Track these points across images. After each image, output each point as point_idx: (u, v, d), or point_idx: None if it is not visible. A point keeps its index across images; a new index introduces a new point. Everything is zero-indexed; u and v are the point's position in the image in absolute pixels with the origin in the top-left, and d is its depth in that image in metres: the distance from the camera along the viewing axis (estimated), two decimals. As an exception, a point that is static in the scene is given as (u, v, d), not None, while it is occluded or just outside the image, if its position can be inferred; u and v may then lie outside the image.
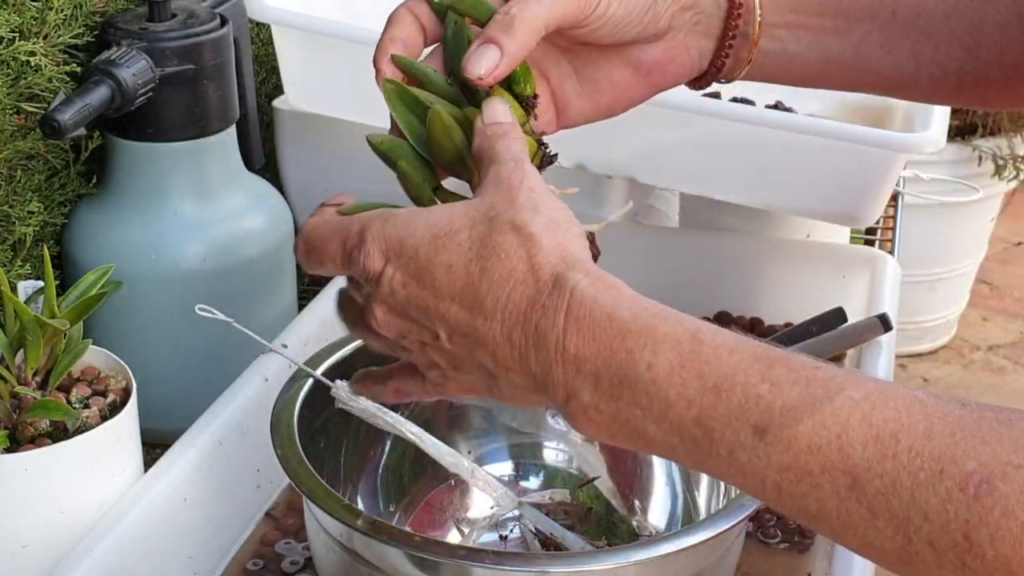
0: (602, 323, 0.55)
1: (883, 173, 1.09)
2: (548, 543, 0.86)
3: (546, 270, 0.57)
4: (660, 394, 0.54)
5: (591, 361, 0.55)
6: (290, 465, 0.77)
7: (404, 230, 0.59)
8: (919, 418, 0.50)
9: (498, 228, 0.58)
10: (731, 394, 0.52)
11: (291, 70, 1.21)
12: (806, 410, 0.51)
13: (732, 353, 0.53)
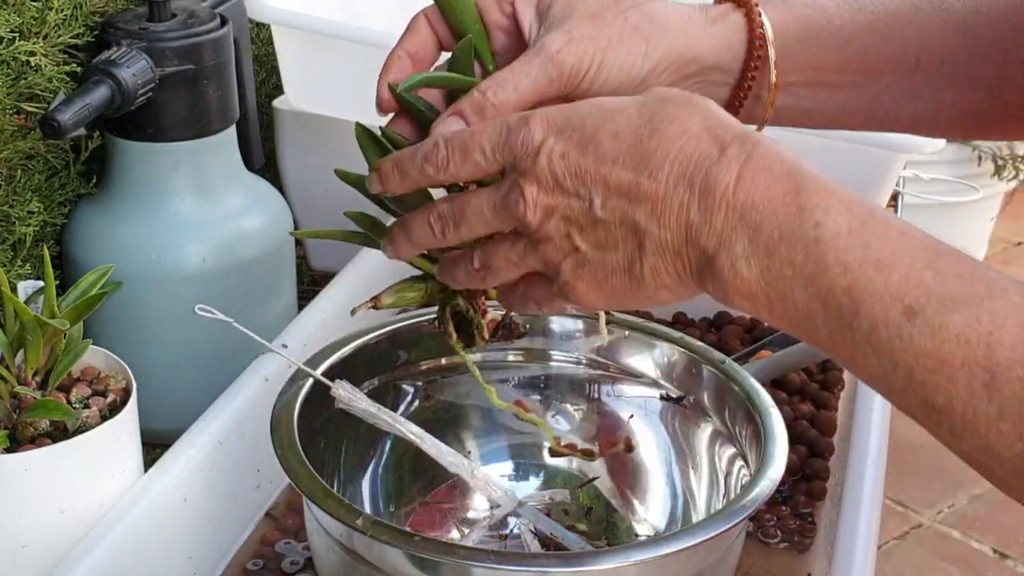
0: (780, 175, 0.55)
1: (883, 173, 1.10)
2: (548, 543, 0.86)
3: (725, 132, 0.57)
4: (819, 256, 0.54)
5: (758, 210, 0.55)
6: (290, 465, 0.77)
7: (570, 110, 0.60)
8: None
9: (670, 103, 0.59)
10: (892, 271, 0.52)
11: (291, 70, 1.21)
12: (964, 302, 0.51)
13: (903, 235, 0.54)
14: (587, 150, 0.59)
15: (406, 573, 0.72)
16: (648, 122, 0.58)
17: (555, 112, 0.60)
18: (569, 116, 0.60)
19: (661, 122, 0.58)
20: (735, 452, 0.86)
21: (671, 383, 0.93)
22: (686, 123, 0.58)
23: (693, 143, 0.57)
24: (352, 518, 0.72)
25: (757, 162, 0.56)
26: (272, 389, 0.87)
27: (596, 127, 0.59)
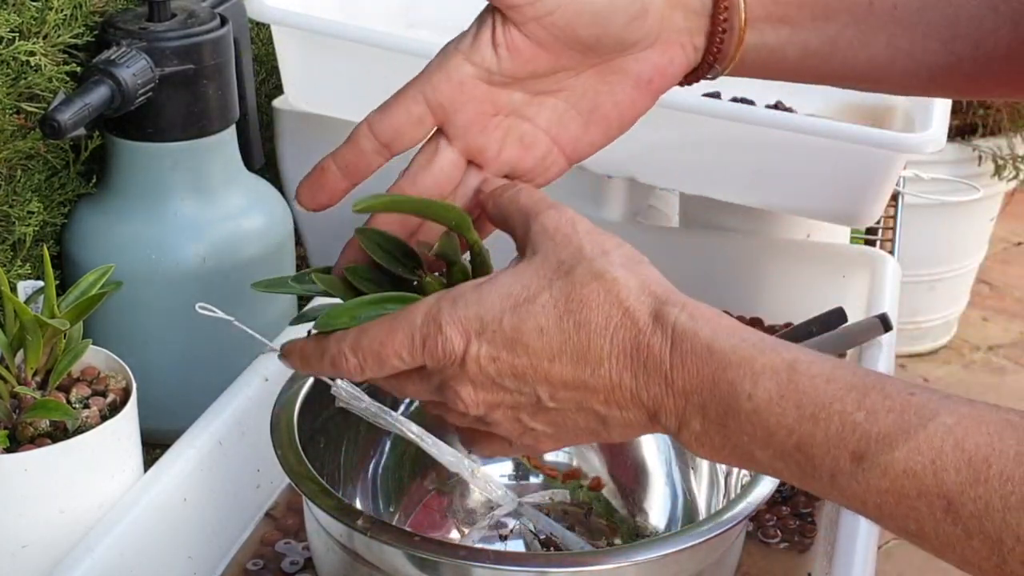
0: (704, 356, 0.57)
1: (883, 173, 1.09)
2: (548, 543, 0.86)
3: (642, 311, 0.59)
4: (762, 423, 0.56)
5: (697, 393, 0.57)
6: (290, 465, 0.77)
7: (479, 307, 0.60)
8: (1011, 443, 0.51)
9: (579, 281, 0.59)
10: (828, 422, 0.54)
11: (291, 70, 1.21)
12: (901, 437, 0.53)
13: (828, 382, 0.55)
14: (517, 350, 0.59)
15: (406, 573, 0.72)
16: (567, 311, 0.59)
17: (465, 313, 0.60)
18: (482, 316, 0.60)
19: (581, 310, 0.59)
20: None
21: (671, 383, 0.92)
22: (605, 309, 0.59)
23: (621, 332, 0.58)
24: (352, 518, 0.72)
25: (681, 346, 0.57)
26: (272, 389, 0.87)
27: (516, 326, 0.59)
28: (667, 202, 1.44)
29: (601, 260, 0.60)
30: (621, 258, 0.60)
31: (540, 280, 0.60)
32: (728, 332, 0.58)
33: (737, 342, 0.57)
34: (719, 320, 0.58)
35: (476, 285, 0.61)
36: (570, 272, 0.59)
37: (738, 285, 1.22)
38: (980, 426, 0.52)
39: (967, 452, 0.52)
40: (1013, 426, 0.52)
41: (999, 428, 0.52)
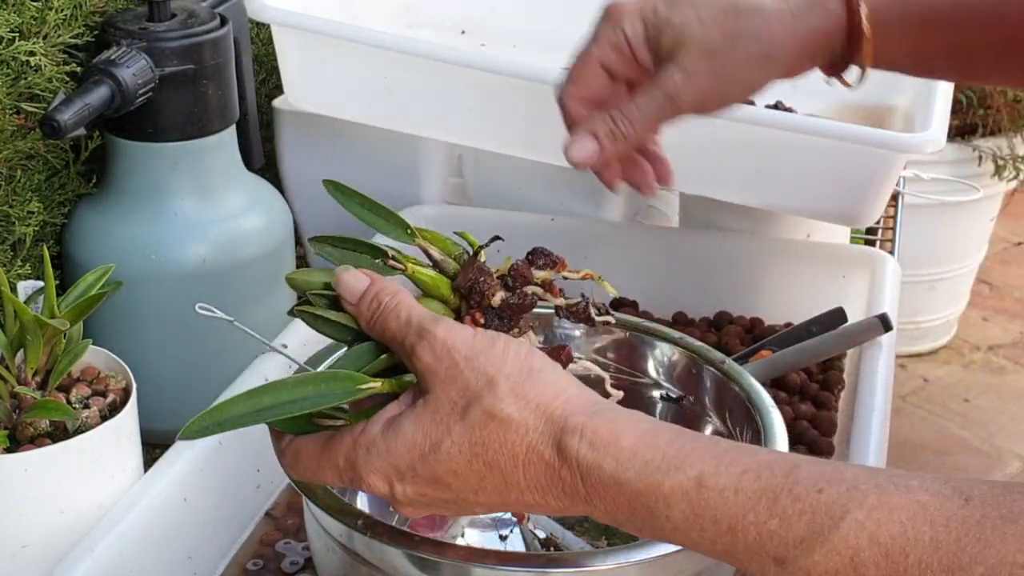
0: (613, 488, 0.58)
1: (883, 173, 1.09)
2: (548, 543, 0.86)
3: (545, 445, 0.59)
4: (686, 536, 0.58)
5: (620, 515, 0.59)
6: (290, 465, 0.77)
7: (389, 457, 0.61)
8: (924, 528, 0.52)
9: (476, 424, 0.60)
10: (745, 533, 0.56)
11: (291, 70, 1.21)
12: (816, 540, 0.54)
13: (737, 494, 0.56)
14: (440, 488, 0.62)
15: (406, 573, 0.72)
16: (475, 455, 0.60)
17: (379, 464, 0.61)
18: (395, 465, 0.61)
19: (486, 452, 0.60)
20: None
21: (671, 383, 0.92)
22: (509, 448, 0.60)
23: (531, 468, 0.60)
24: (352, 518, 0.72)
25: (588, 480, 0.59)
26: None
27: (431, 471, 0.61)
28: (667, 202, 1.44)
29: (489, 397, 0.60)
30: (508, 384, 0.60)
31: (439, 426, 0.60)
32: (630, 457, 0.58)
33: (640, 467, 0.58)
34: (621, 443, 0.58)
35: (385, 428, 0.62)
36: (464, 414, 0.60)
37: (738, 285, 1.22)
38: (892, 515, 0.53)
39: (883, 545, 0.52)
40: (924, 508, 0.53)
41: (911, 515, 0.53)
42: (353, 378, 0.63)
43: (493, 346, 0.61)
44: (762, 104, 1.28)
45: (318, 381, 0.63)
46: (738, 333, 1.18)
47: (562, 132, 0.83)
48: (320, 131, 1.26)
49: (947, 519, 0.52)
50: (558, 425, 0.59)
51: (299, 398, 0.63)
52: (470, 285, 0.68)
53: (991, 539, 0.51)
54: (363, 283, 0.65)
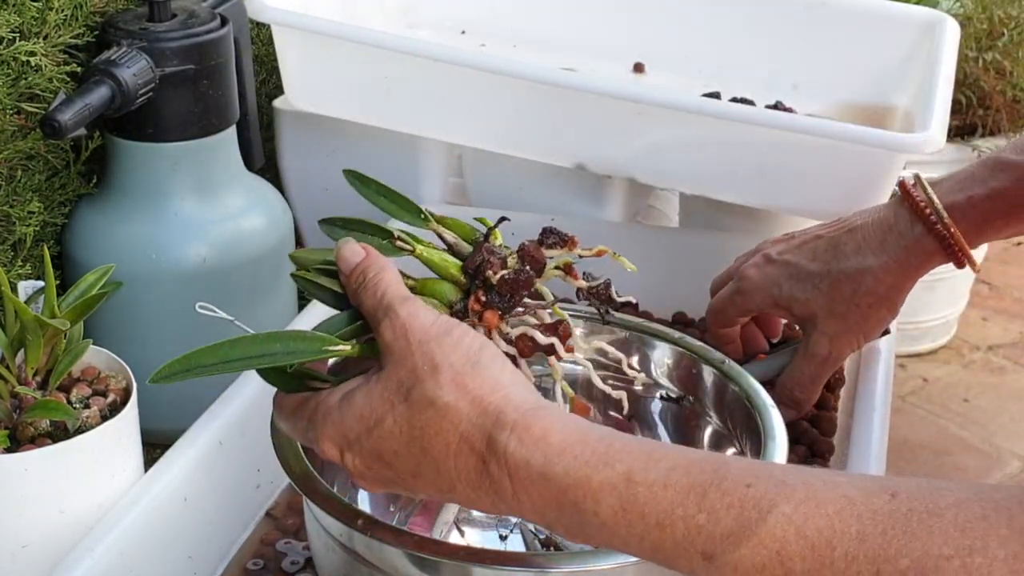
0: (540, 484, 0.59)
1: (883, 173, 1.09)
2: (548, 543, 0.86)
3: (476, 437, 0.60)
4: (614, 533, 0.58)
5: (548, 513, 0.59)
6: (290, 465, 0.77)
7: (341, 425, 0.64)
8: (851, 522, 0.53)
9: (416, 406, 0.62)
10: (674, 528, 0.56)
11: (291, 70, 1.21)
12: (743, 534, 0.54)
13: (666, 488, 0.56)
14: (383, 465, 0.64)
15: (406, 573, 0.72)
16: (411, 438, 0.62)
17: (332, 430, 0.64)
18: (345, 434, 0.64)
19: (423, 437, 0.61)
20: (735, 452, 0.86)
21: (671, 383, 0.92)
22: (443, 436, 0.61)
23: (462, 458, 0.61)
24: (352, 518, 0.72)
25: (516, 475, 0.59)
26: (272, 389, 0.87)
27: (375, 447, 0.63)
28: (667, 202, 1.44)
29: (431, 382, 0.61)
30: (451, 373, 0.61)
31: (384, 403, 0.62)
32: (559, 453, 0.58)
33: (570, 462, 0.58)
34: (550, 439, 0.59)
35: (342, 398, 0.64)
36: (408, 396, 0.62)
37: (738, 285, 1.22)
38: (819, 509, 0.53)
39: (809, 539, 0.53)
40: (851, 502, 0.53)
41: (838, 508, 0.53)
42: (322, 339, 0.65)
43: (447, 334, 0.63)
44: (762, 104, 1.28)
45: (287, 338, 0.65)
46: (738, 333, 1.18)
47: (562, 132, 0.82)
48: (320, 131, 1.26)
49: (873, 513, 0.52)
50: (491, 419, 0.60)
51: (267, 352, 0.65)
52: (476, 265, 0.69)
53: (917, 532, 0.51)
54: (357, 256, 0.68)
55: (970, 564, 0.50)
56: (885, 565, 0.51)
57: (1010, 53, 2.26)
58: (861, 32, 1.35)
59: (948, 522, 0.51)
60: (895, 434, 1.02)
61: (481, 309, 0.69)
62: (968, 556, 0.50)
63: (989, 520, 0.51)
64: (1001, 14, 2.28)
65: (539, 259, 0.70)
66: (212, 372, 0.66)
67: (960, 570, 0.50)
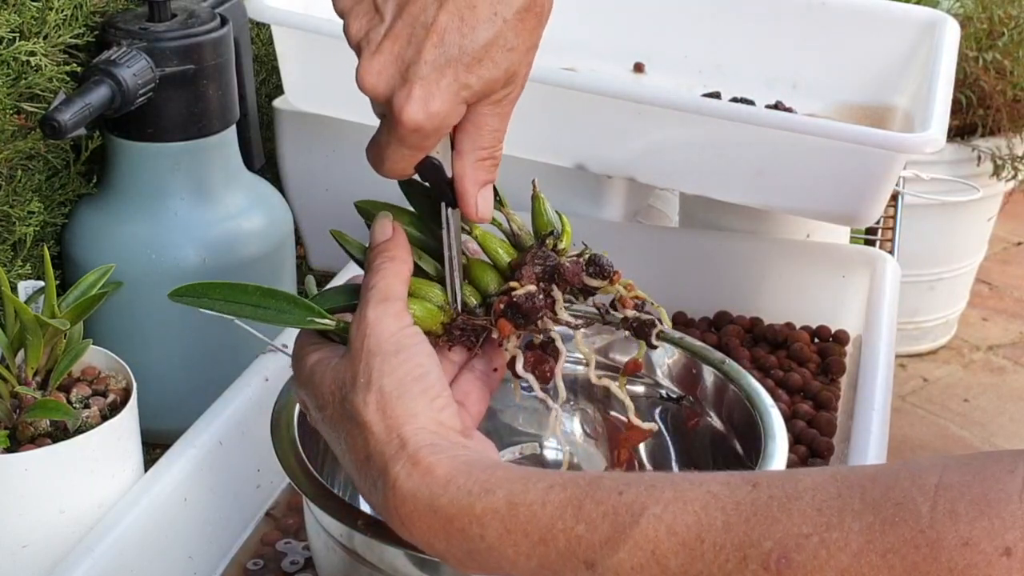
0: (427, 515, 0.61)
1: (883, 173, 1.09)
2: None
3: (377, 463, 0.63)
4: (502, 555, 0.60)
5: (436, 543, 0.62)
6: (290, 465, 0.77)
7: (306, 388, 0.68)
8: (716, 514, 0.55)
9: (345, 412, 0.65)
10: (556, 542, 0.58)
11: (291, 70, 1.21)
12: (619, 538, 0.57)
13: (544, 506, 0.59)
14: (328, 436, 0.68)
15: (406, 573, 0.72)
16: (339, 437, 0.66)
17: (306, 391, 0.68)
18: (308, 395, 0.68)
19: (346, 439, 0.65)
20: (735, 452, 0.86)
21: (671, 384, 0.92)
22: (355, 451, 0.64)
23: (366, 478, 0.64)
24: (352, 518, 0.72)
25: (403, 508, 0.62)
26: (272, 389, 0.87)
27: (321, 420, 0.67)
28: (667, 202, 1.45)
29: (361, 397, 0.64)
30: (379, 395, 0.64)
31: (328, 393, 0.66)
32: (445, 484, 0.61)
33: (454, 493, 0.61)
34: (436, 472, 0.61)
35: (316, 362, 0.67)
36: (344, 399, 0.65)
37: (738, 285, 1.22)
38: (686, 507, 0.56)
39: (679, 535, 0.55)
40: (716, 497, 0.56)
41: (704, 504, 0.56)
42: (311, 310, 0.68)
43: (396, 353, 0.65)
44: (762, 104, 1.28)
45: (282, 300, 0.69)
46: (738, 333, 1.18)
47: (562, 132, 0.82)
48: (320, 131, 1.26)
49: (737, 503, 0.55)
50: (393, 448, 0.63)
51: (262, 307, 0.69)
52: (519, 265, 0.71)
53: (778, 516, 0.54)
54: (383, 236, 0.70)
55: (828, 539, 0.52)
56: (751, 550, 0.53)
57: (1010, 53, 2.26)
58: (861, 32, 1.35)
59: (806, 504, 0.53)
60: (895, 434, 1.02)
61: (500, 314, 0.70)
62: (825, 532, 0.52)
63: (843, 498, 0.53)
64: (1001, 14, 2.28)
65: (575, 283, 0.71)
66: (216, 309, 0.69)
67: (819, 546, 0.52)
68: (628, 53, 1.40)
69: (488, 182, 0.69)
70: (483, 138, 0.68)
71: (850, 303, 1.15)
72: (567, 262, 0.71)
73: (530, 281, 0.70)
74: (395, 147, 0.66)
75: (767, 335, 1.19)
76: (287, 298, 0.69)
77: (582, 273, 0.71)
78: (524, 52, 0.66)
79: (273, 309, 0.69)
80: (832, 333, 1.18)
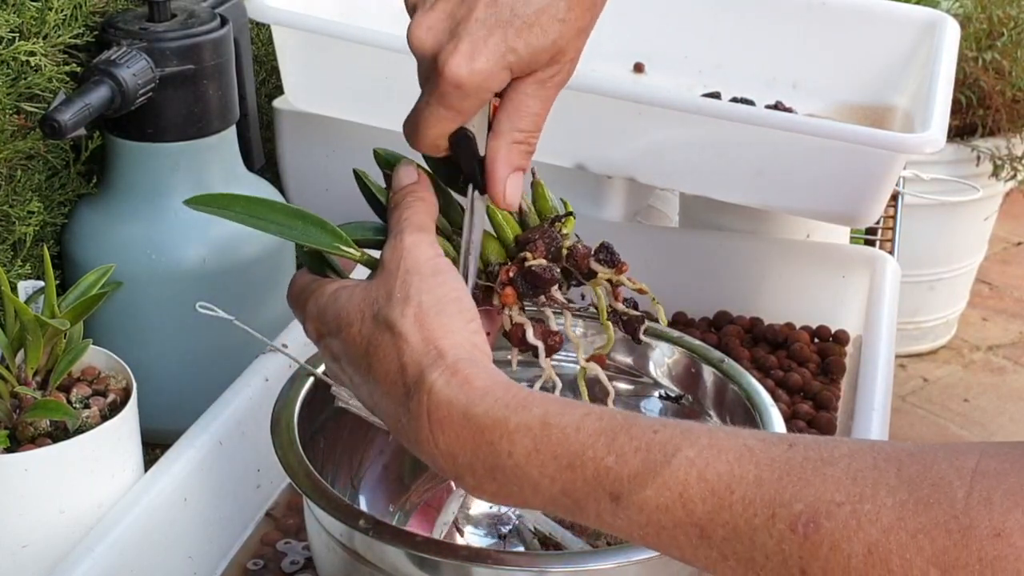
0: (459, 422, 0.61)
1: (883, 173, 1.09)
2: (548, 543, 0.86)
3: (411, 371, 0.63)
4: (526, 476, 0.59)
5: (461, 454, 0.61)
6: (290, 465, 0.77)
7: (323, 314, 0.68)
8: (749, 467, 0.55)
9: (378, 326, 0.64)
10: (584, 469, 0.58)
11: (291, 70, 1.21)
12: (648, 475, 0.56)
13: (578, 431, 0.58)
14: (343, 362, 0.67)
15: (406, 573, 0.72)
16: (366, 352, 0.65)
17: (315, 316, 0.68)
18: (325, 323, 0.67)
19: (373, 354, 0.64)
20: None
21: (671, 383, 0.93)
22: (387, 362, 0.64)
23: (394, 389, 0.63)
24: (353, 518, 0.72)
25: (436, 413, 0.61)
26: (272, 389, 0.87)
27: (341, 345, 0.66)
28: (667, 202, 1.45)
29: (398, 309, 0.64)
30: (417, 308, 0.64)
31: (357, 311, 0.66)
32: (483, 394, 0.60)
33: (491, 404, 0.60)
34: (474, 383, 0.61)
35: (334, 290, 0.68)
36: (376, 314, 0.65)
37: (738, 285, 1.22)
38: (720, 455, 0.55)
39: (710, 482, 0.55)
40: (751, 450, 0.55)
41: (738, 455, 0.55)
42: (338, 236, 0.69)
43: (434, 275, 0.65)
44: (762, 104, 1.28)
45: (309, 222, 0.69)
46: (738, 333, 1.18)
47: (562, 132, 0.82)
48: (320, 131, 1.26)
49: (771, 460, 0.54)
50: (430, 357, 0.62)
51: (286, 226, 0.69)
52: (526, 241, 0.71)
53: (811, 479, 0.53)
54: (410, 179, 0.70)
55: (859, 510, 0.51)
56: (780, 509, 0.53)
57: (1010, 53, 2.26)
58: (861, 32, 1.35)
59: (841, 470, 0.53)
60: (895, 434, 1.02)
61: (507, 282, 0.71)
62: (858, 502, 0.52)
63: (880, 469, 0.52)
64: (1001, 14, 2.28)
65: (582, 265, 0.71)
66: (235, 219, 0.70)
67: (850, 516, 0.51)
68: (628, 53, 1.40)
69: (521, 169, 0.69)
70: (522, 120, 0.68)
71: (850, 303, 1.15)
72: (581, 245, 0.72)
73: (541, 255, 0.70)
74: (434, 108, 0.67)
75: (767, 335, 1.19)
76: (316, 222, 0.69)
77: (590, 257, 0.71)
78: (575, 30, 0.67)
79: (299, 231, 0.69)
80: (832, 333, 1.18)
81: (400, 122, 0.85)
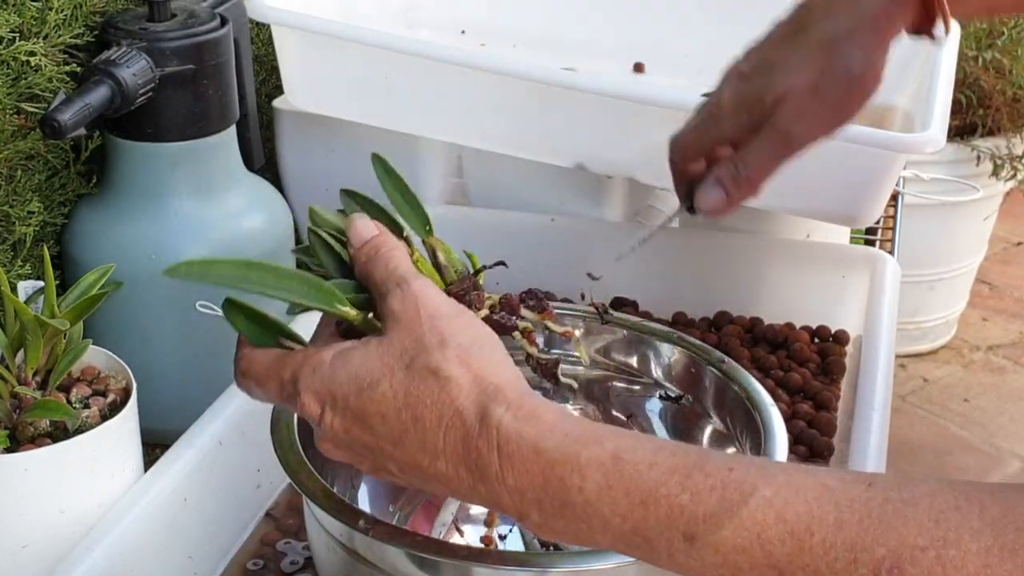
0: (530, 456, 0.59)
1: (883, 173, 1.09)
2: (548, 543, 0.86)
3: (471, 410, 0.60)
4: (596, 512, 0.58)
5: (530, 490, 0.59)
6: (290, 465, 0.77)
7: (331, 381, 0.62)
8: (829, 509, 0.54)
9: (416, 375, 0.61)
10: (657, 507, 0.56)
11: (291, 70, 1.21)
12: (725, 515, 0.55)
13: (652, 467, 0.57)
14: (365, 427, 0.62)
15: (406, 573, 0.72)
16: (405, 405, 0.61)
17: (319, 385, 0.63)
18: (333, 391, 0.62)
19: (417, 405, 0.61)
20: (735, 452, 0.86)
21: (671, 383, 0.93)
22: (438, 407, 0.60)
23: (452, 432, 0.60)
24: (352, 518, 0.72)
25: (506, 448, 0.59)
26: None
27: (362, 408, 0.62)
28: (667, 202, 1.44)
29: (438, 354, 0.61)
30: (458, 350, 0.61)
31: (383, 367, 0.62)
32: (551, 429, 0.59)
33: (560, 438, 0.59)
34: (543, 416, 0.60)
35: (336, 355, 0.63)
36: (410, 364, 0.61)
37: (738, 285, 1.22)
38: (798, 495, 0.54)
39: (789, 523, 0.54)
40: (830, 490, 0.54)
41: (817, 495, 0.54)
42: (336, 296, 0.66)
43: (458, 315, 0.63)
44: (762, 104, 1.28)
45: (304, 282, 0.66)
46: (738, 333, 1.18)
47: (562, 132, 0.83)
48: (320, 131, 1.26)
49: (851, 500, 0.53)
50: (489, 394, 0.60)
51: (282, 288, 0.65)
52: (462, 293, 0.70)
53: (893, 521, 0.52)
54: (370, 232, 0.68)
55: (944, 555, 0.50)
56: (862, 553, 0.52)
57: (1009, 52, 2.26)
58: (861, 32, 1.34)
59: (923, 512, 0.52)
60: (895, 434, 1.02)
61: None
62: (943, 547, 0.51)
63: (962, 511, 0.52)
64: (1001, 14, 2.28)
65: (514, 312, 0.71)
66: (225, 284, 0.66)
67: (935, 562, 0.51)
68: (628, 53, 1.40)
69: None
70: None
71: (850, 303, 1.15)
72: (510, 294, 0.72)
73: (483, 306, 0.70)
74: None
75: (767, 335, 1.19)
76: (309, 282, 0.66)
77: (520, 305, 0.71)
78: None
79: (296, 292, 0.65)
80: (832, 333, 1.18)
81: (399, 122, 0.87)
